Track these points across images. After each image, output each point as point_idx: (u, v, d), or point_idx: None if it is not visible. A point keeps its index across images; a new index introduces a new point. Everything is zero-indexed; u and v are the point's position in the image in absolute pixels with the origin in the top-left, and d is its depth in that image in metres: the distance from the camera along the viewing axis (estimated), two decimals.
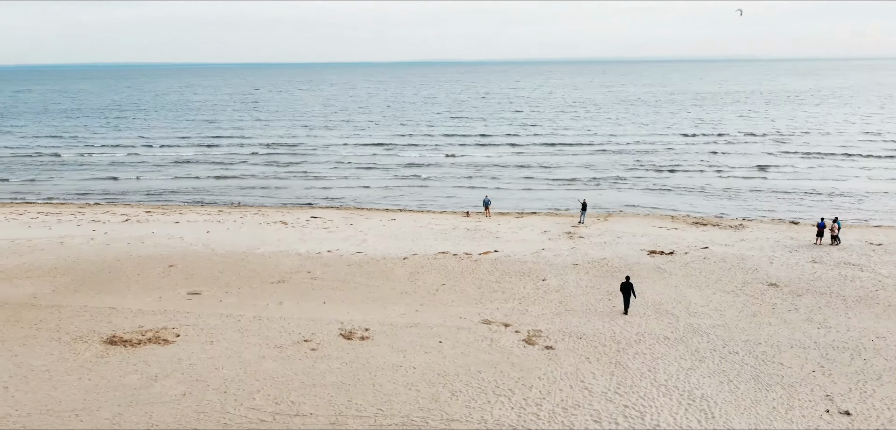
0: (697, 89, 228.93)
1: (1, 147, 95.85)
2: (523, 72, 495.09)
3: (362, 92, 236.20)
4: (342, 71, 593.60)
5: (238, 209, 56.25)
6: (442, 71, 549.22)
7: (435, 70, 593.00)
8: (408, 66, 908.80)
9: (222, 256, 39.41)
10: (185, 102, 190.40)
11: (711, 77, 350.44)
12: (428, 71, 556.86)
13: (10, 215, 54.17)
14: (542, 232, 45.81)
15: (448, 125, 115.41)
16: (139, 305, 29.99)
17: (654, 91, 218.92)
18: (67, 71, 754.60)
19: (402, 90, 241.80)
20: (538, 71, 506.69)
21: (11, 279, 34.63)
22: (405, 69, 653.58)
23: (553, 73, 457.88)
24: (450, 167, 74.20)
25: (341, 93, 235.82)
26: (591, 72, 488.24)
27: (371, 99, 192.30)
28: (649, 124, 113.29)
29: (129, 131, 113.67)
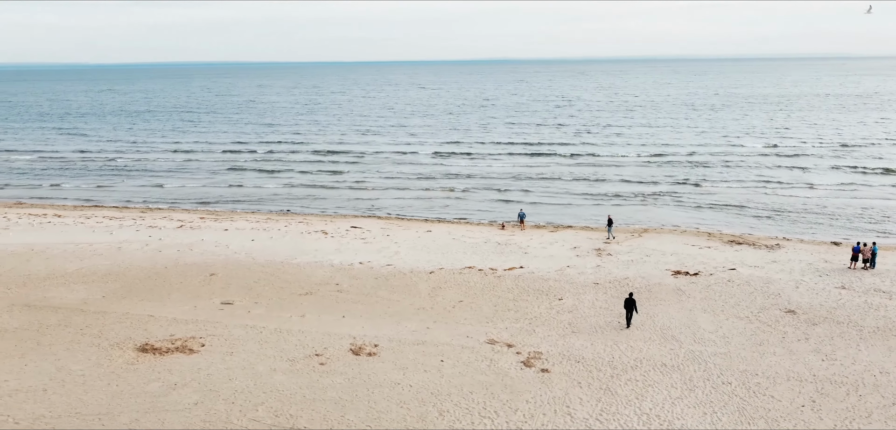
0: (768, 91, 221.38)
1: (78, 149, 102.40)
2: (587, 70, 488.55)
3: (424, 93, 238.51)
4: (406, 70, 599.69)
5: (285, 217, 58.97)
6: (505, 70, 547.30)
7: (498, 69, 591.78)
8: (472, 64, 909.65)
9: (261, 265, 41.81)
10: (250, 103, 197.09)
11: (790, 77, 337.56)
12: (492, 70, 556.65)
13: (79, 218, 58.49)
14: (572, 248, 46.44)
15: (501, 131, 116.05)
16: (175, 313, 32.49)
17: (721, 92, 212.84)
18: (142, 70, 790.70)
19: (464, 91, 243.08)
20: (606, 71, 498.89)
21: (69, 284, 37.88)
22: (469, 68, 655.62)
23: (610, 72, 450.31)
24: (495, 178, 74.90)
25: (402, 94, 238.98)
26: (665, 71, 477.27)
27: (431, 101, 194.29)
28: (707, 131, 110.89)
29: (194, 134, 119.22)
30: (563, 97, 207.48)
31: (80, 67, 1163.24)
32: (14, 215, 59.40)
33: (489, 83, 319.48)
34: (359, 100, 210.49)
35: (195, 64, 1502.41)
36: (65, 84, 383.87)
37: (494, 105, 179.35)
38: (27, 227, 54.39)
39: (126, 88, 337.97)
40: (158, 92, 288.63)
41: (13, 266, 41.77)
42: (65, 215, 59.47)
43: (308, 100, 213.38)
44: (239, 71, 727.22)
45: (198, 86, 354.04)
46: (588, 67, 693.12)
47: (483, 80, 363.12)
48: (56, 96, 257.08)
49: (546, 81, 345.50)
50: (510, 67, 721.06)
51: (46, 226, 54.78)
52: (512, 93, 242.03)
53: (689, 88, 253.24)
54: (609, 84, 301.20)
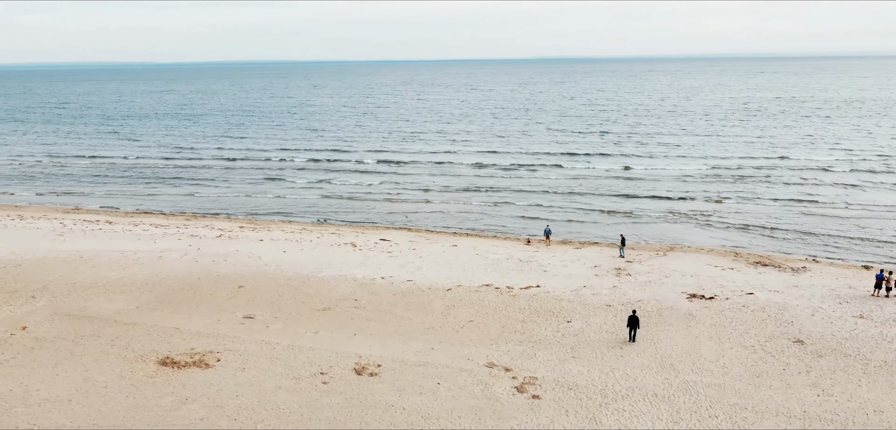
0: (835, 94, 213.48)
1: (133, 153, 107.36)
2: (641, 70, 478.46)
3: (473, 95, 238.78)
4: (465, 69, 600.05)
5: (320, 228, 61.02)
6: (563, 69, 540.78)
7: (557, 68, 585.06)
8: (534, 63, 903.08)
9: (287, 278, 43.75)
10: (302, 106, 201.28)
11: (866, 78, 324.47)
12: (551, 69, 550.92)
13: (128, 225, 61.86)
14: (593, 267, 46.87)
15: (542, 139, 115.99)
16: (199, 326, 34.58)
17: (784, 95, 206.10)
18: (208, 69, 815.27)
19: (515, 93, 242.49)
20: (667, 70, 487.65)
21: (108, 293, 40.55)
22: (529, 67, 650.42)
23: (670, 72, 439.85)
24: (528, 192, 75.03)
25: (452, 96, 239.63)
26: (729, 71, 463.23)
27: (479, 104, 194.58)
28: (754, 141, 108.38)
29: (244, 139, 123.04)
30: (614, 101, 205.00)
31: (150, 67, 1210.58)
32: (70, 221, 63.22)
33: (543, 84, 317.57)
34: (408, 103, 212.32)
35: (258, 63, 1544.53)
36: (131, 84, 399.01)
37: (542, 109, 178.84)
38: (80, 234, 57.88)
39: (186, 88, 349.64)
40: (217, 93, 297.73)
41: (62, 274, 44.83)
42: (115, 222, 62.94)
43: (358, 103, 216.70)
44: (299, 70, 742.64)
45: (256, 86, 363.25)
46: (653, 66, 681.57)
47: (539, 80, 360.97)
48: (121, 97, 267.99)
49: (602, 81, 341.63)
50: (570, 66, 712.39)
51: (97, 233, 58.19)
52: (563, 95, 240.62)
53: (748, 90, 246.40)
54: (665, 86, 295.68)
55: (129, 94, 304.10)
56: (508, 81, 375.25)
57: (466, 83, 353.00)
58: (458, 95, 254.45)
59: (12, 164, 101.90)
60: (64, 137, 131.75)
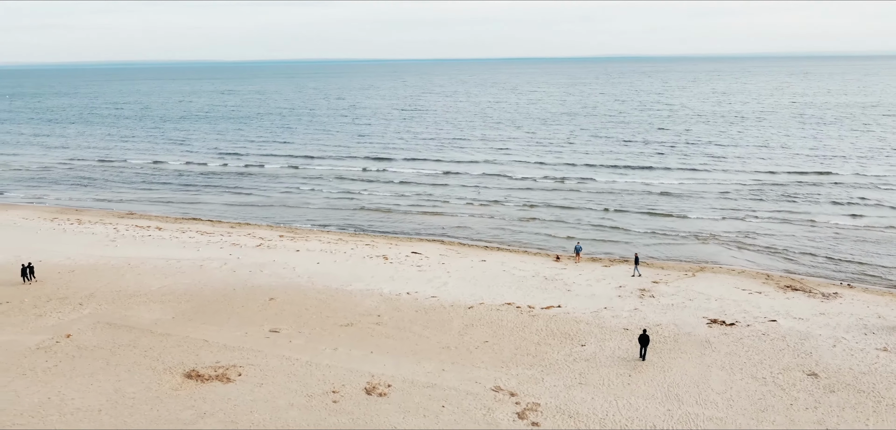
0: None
1: (186, 158, 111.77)
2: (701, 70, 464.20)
3: (525, 97, 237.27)
4: (523, 67, 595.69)
5: (355, 238, 62.78)
6: (622, 68, 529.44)
7: (616, 67, 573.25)
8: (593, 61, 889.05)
9: (317, 291, 45.47)
10: (354, 107, 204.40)
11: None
12: (609, 68, 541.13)
13: (175, 231, 64.93)
14: (618, 287, 47.10)
15: (587, 147, 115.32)
16: (227, 339, 36.51)
17: (846, 99, 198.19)
18: (268, 67, 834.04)
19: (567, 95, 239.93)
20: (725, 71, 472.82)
21: (148, 302, 43.03)
22: (588, 66, 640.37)
23: (732, 73, 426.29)
24: (565, 208, 74.14)
25: (504, 97, 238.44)
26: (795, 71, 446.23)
27: (529, 107, 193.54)
28: (808, 152, 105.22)
29: (294, 144, 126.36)
30: (666, 105, 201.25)
31: (209, 65, 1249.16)
32: (123, 227, 66.74)
33: (596, 85, 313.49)
34: (458, 105, 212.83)
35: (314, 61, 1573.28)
36: (192, 83, 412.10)
37: (591, 113, 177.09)
38: (131, 240, 61.13)
39: (245, 88, 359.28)
40: (272, 94, 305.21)
41: (109, 281, 47.68)
42: (164, 228, 66.13)
43: (408, 105, 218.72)
44: (353, 69, 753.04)
45: (310, 86, 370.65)
46: (717, 66, 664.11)
47: (592, 81, 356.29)
48: (183, 97, 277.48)
49: (659, 83, 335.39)
50: (625, 66, 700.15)
51: (147, 240, 61.32)
52: (614, 98, 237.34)
53: (812, 93, 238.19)
54: (724, 88, 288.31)
55: (188, 94, 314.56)
56: (561, 81, 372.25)
57: (517, 84, 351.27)
58: (508, 97, 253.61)
59: (74, 167, 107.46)
60: (122, 141, 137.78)
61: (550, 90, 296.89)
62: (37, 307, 41.77)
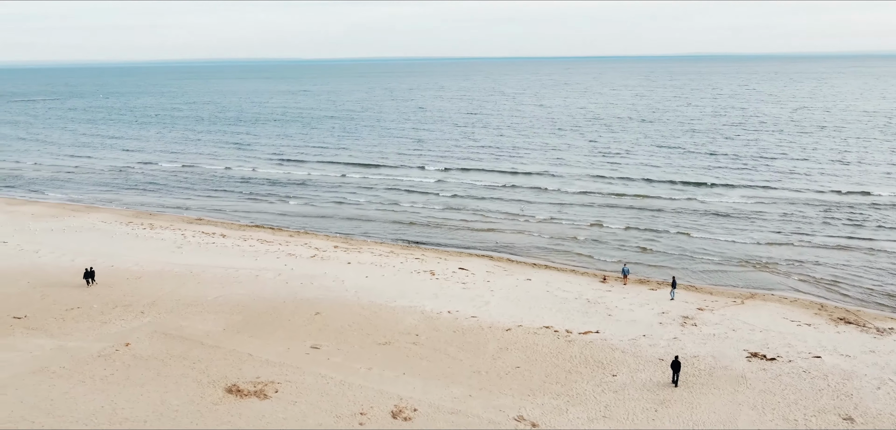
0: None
1: (254, 164, 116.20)
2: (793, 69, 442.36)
3: (595, 100, 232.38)
4: (607, 66, 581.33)
5: (407, 250, 64.26)
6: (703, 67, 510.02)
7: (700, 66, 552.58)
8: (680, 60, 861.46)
9: (361, 306, 47.02)
10: (422, 110, 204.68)
11: None
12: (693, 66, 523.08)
13: (238, 239, 68.01)
14: (660, 313, 46.72)
15: (649, 158, 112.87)
16: (270, 354, 38.43)
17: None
18: (345, 66, 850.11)
19: (640, 98, 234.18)
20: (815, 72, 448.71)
21: (203, 312, 45.58)
22: (672, 65, 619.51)
23: (822, 74, 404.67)
24: (618, 229, 73.13)
25: (573, 101, 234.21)
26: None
27: (599, 110, 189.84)
28: (886, 170, 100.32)
29: (356, 150, 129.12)
30: (742, 110, 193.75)
31: (298, 63, 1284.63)
32: (190, 233, 70.39)
33: (671, 87, 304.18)
34: (524, 108, 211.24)
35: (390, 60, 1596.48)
36: (272, 83, 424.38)
37: (661, 119, 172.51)
38: (196, 247, 64.50)
39: (319, 88, 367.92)
40: (343, 95, 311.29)
41: (171, 289, 50.66)
42: (228, 236, 69.36)
43: (473, 108, 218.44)
44: (429, 68, 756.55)
45: (382, 87, 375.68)
46: (805, 66, 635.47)
47: (666, 83, 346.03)
48: (259, 98, 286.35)
49: (737, 85, 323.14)
50: (709, 65, 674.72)
51: (210, 247, 64.57)
52: (688, 102, 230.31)
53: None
54: (808, 91, 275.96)
55: (264, 94, 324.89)
56: (635, 82, 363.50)
57: (590, 86, 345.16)
58: (576, 99, 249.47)
59: (150, 171, 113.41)
60: (196, 145, 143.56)
61: (622, 92, 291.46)
62: (104, 314, 44.94)
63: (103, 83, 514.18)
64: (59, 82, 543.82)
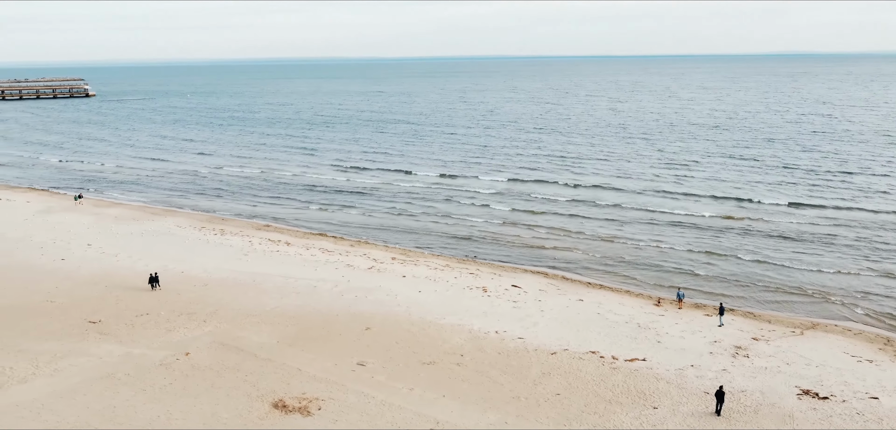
0: None
1: (322, 170, 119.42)
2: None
3: (672, 104, 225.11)
4: (708, 65, 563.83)
5: (462, 264, 65.01)
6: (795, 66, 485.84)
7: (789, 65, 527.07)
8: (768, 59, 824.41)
9: (411, 323, 48.09)
10: (492, 113, 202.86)
11: None
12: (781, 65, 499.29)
13: (301, 247, 70.44)
14: (712, 341, 45.80)
15: (723, 171, 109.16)
16: (317, 369, 39.93)
17: None
18: (423, 65, 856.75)
19: (719, 102, 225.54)
20: None
21: (260, 323, 47.66)
22: (771, 64, 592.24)
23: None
24: (672, 250, 71.26)
25: (646, 102, 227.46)
26: None
27: (673, 116, 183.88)
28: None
29: (424, 154, 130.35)
30: (827, 116, 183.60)
31: (369, 62, 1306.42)
32: (257, 240, 73.34)
33: (759, 89, 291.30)
34: (597, 112, 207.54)
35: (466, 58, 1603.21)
36: (350, 83, 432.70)
37: (740, 126, 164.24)
38: (261, 255, 67.21)
39: (394, 89, 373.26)
40: (417, 96, 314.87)
41: (233, 298, 53.13)
42: (292, 244, 71.90)
43: (543, 112, 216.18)
44: (511, 66, 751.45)
45: (456, 88, 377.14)
46: None
47: (754, 84, 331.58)
48: (335, 99, 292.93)
49: (826, 87, 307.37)
50: (809, 64, 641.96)
51: (274, 255, 67.15)
52: (770, 107, 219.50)
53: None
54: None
55: (341, 95, 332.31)
56: (719, 84, 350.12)
57: (670, 87, 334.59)
58: (650, 103, 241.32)
59: (225, 176, 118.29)
60: (270, 149, 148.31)
61: (701, 96, 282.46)
62: (169, 321, 47.65)
63: (189, 82, 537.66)
64: (151, 81, 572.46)
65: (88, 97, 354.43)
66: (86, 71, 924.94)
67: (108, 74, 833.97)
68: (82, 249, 68.26)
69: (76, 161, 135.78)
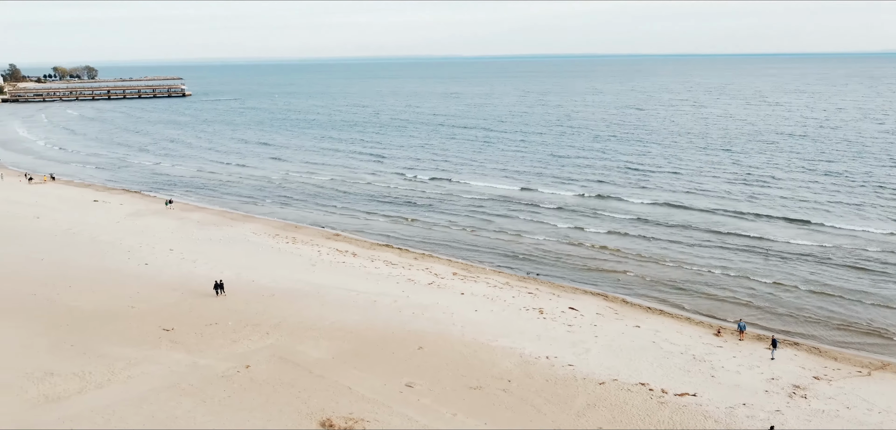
0: None
1: (393, 178, 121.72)
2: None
3: (764, 109, 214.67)
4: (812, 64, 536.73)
5: (522, 283, 65.36)
6: None
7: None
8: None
9: (463, 344, 48.98)
10: (566, 117, 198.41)
11: None
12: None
13: (366, 259, 72.54)
14: (770, 379, 44.59)
15: (812, 189, 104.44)
16: (367, 388, 41.42)
17: None
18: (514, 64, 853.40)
19: (813, 103, 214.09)
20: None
21: (319, 338, 49.69)
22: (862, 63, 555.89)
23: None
24: (739, 277, 69.72)
25: (733, 107, 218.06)
26: None
27: (759, 122, 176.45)
28: None
29: (494, 162, 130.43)
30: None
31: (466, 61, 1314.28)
32: (325, 250, 76.02)
33: (858, 94, 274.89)
34: (680, 117, 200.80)
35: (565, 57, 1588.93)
36: (429, 83, 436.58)
37: (828, 136, 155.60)
38: (327, 266, 69.70)
39: (472, 90, 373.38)
40: (494, 98, 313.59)
41: (297, 309, 55.53)
42: (358, 255, 74.13)
43: (621, 117, 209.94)
44: (600, 65, 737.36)
45: (539, 89, 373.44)
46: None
47: (858, 85, 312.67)
48: (411, 101, 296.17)
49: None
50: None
51: (340, 266, 69.49)
52: (867, 114, 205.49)
53: None
54: None
55: (418, 96, 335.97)
56: (817, 87, 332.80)
57: (761, 89, 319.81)
58: (741, 108, 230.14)
59: (301, 182, 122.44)
60: (345, 157, 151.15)
61: (795, 100, 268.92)
62: (235, 332, 50.37)
63: (279, 82, 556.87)
64: (244, 80, 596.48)
65: (184, 97, 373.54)
66: (185, 69, 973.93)
67: (205, 73, 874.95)
68: (165, 254, 72.66)
69: (167, 164, 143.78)
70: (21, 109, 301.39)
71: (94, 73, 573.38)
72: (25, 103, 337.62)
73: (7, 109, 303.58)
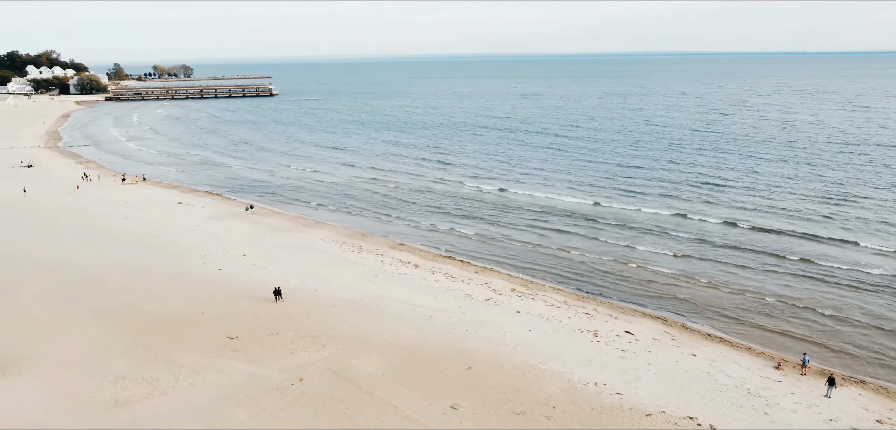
0: None
1: (473, 183, 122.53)
2: None
3: (867, 115, 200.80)
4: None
5: (581, 302, 64.92)
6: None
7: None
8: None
9: (513, 366, 49.40)
10: (645, 122, 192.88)
11: None
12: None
13: (427, 271, 73.70)
14: (828, 421, 42.96)
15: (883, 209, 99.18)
16: (412, 408, 42.52)
17: None
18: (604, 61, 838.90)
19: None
20: None
21: (372, 352, 51.20)
22: None
23: None
24: (808, 308, 65.87)
25: (832, 114, 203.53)
26: None
27: (863, 129, 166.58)
28: None
29: (561, 171, 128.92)
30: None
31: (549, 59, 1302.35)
32: (389, 260, 77.75)
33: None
34: (762, 122, 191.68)
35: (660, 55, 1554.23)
36: (510, 83, 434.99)
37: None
38: (389, 277, 71.31)
39: (551, 91, 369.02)
40: (573, 99, 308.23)
41: (354, 322, 57.30)
42: (421, 267, 75.40)
43: (702, 123, 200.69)
44: (695, 64, 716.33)
45: (619, 90, 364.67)
46: None
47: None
48: (489, 100, 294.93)
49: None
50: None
51: (401, 278, 70.99)
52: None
53: None
54: None
55: (496, 97, 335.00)
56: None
57: (861, 93, 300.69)
58: (835, 114, 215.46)
59: (368, 188, 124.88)
60: (416, 164, 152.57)
61: (887, 102, 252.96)
62: (293, 343, 52.57)
63: (360, 81, 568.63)
64: (327, 79, 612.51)
65: (272, 96, 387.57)
66: (277, 68, 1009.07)
67: (296, 71, 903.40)
68: (237, 259, 76.19)
69: (246, 166, 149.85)
70: (116, 108, 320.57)
71: (190, 71, 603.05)
72: (126, 102, 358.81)
73: (107, 108, 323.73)
